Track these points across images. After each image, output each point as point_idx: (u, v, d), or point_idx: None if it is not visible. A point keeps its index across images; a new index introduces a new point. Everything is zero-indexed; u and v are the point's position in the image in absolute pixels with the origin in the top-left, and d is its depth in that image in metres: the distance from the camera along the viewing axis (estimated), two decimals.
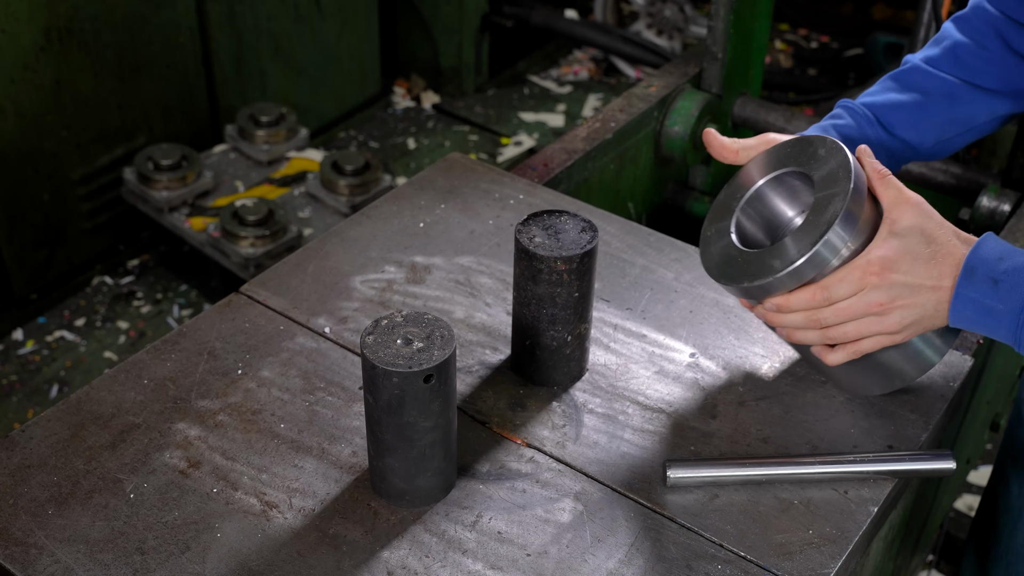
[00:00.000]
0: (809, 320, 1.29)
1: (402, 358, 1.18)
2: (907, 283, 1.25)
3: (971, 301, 1.24)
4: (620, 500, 1.30)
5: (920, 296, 1.26)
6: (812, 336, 1.31)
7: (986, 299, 1.23)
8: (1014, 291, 1.21)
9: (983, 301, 1.23)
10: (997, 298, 1.22)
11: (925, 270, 1.25)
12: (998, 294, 1.22)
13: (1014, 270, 1.22)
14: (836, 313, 1.27)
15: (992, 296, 1.22)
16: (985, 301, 1.23)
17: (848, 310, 1.27)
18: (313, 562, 1.22)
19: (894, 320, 1.27)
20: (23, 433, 1.36)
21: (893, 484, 1.33)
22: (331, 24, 3.74)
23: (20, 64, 2.90)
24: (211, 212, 3.16)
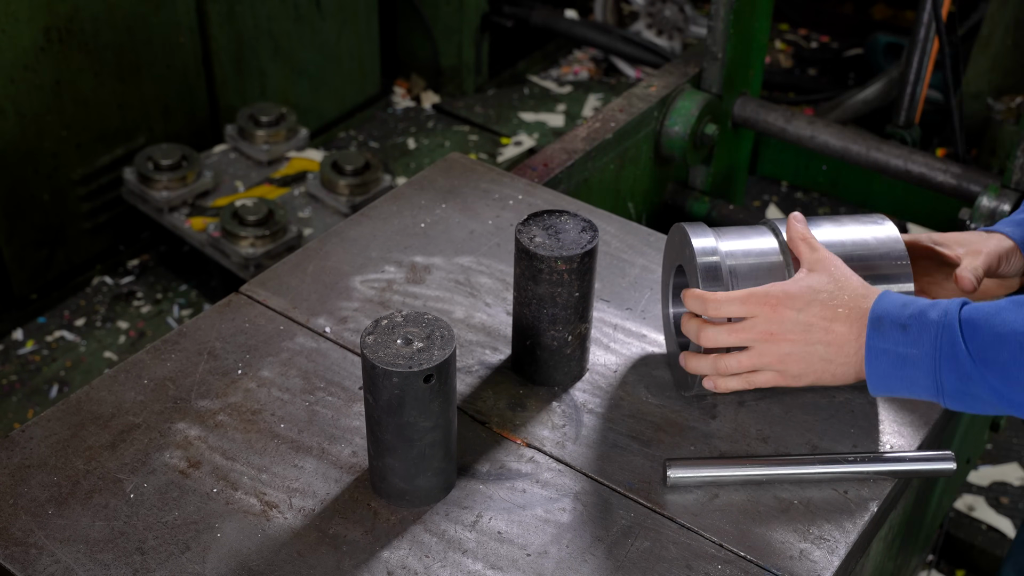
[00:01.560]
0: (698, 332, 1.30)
1: (402, 358, 1.18)
2: (799, 320, 1.25)
3: (884, 352, 1.21)
4: (620, 500, 1.30)
5: (811, 335, 1.25)
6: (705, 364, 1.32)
7: (898, 347, 1.20)
8: (924, 333, 1.19)
9: (896, 349, 1.21)
10: (908, 343, 1.20)
11: (820, 311, 1.25)
12: (908, 338, 1.20)
13: (919, 313, 1.20)
14: (721, 332, 1.28)
15: (903, 342, 1.20)
16: (898, 349, 1.20)
17: (734, 332, 1.28)
18: (313, 562, 1.22)
19: (785, 353, 1.26)
20: (23, 433, 1.36)
21: (893, 484, 1.33)
22: (331, 24, 3.74)
23: (20, 64, 2.90)
24: (211, 212, 3.16)
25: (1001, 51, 3.61)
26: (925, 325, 1.19)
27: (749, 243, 1.38)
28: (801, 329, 1.25)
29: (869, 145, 2.35)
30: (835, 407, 1.42)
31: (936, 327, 1.18)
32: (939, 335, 1.18)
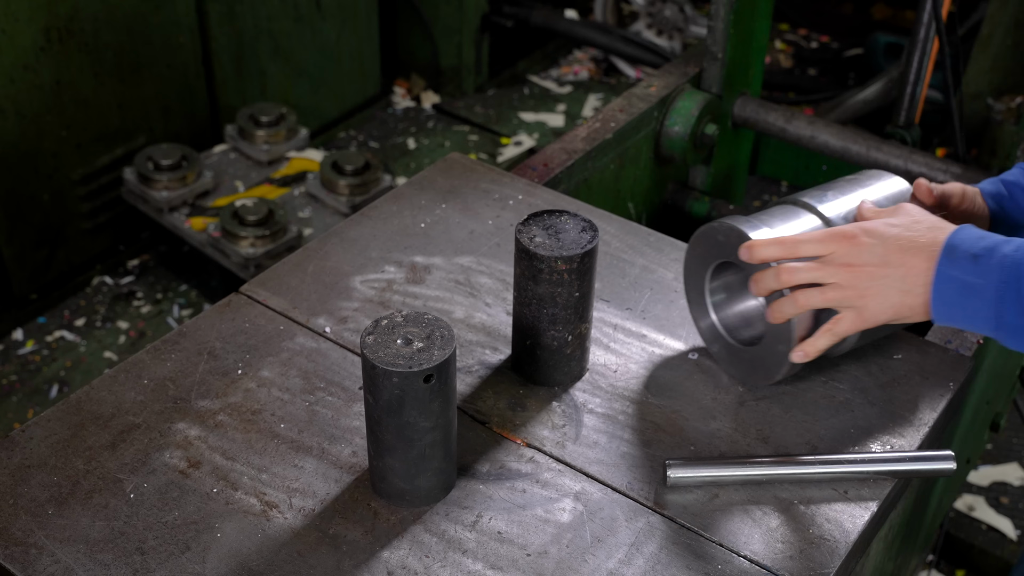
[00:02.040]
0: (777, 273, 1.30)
1: (402, 358, 1.18)
2: (876, 252, 1.27)
3: (952, 280, 1.23)
4: (620, 500, 1.30)
5: (889, 266, 1.26)
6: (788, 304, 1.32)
7: (967, 275, 1.21)
8: (993, 265, 1.20)
9: (964, 278, 1.22)
10: (977, 273, 1.21)
11: (897, 243, 1.26)
12: (978, 269, 1.21)
13: (993, 246, 1.21)
14: (801, 268, 1.30)
15: (972, 272, 1.21)
16: (966, 278, 1.21)
17: (814, 268, 1.29)
18: (313, 562, 1.22)
19: (864, 287, 1.27)
20: (23, 433, 1.36)
21: (893, 484, 1.33)
22: (331, 24, 3.74)
23: (20, 64, 2.90)
24: (211, 212, 3.16)
25: (1001, 51, 3.61)
26: (995, 258, 1.20)
27: (794, 225, 1.39)
28: (879, 260, 1.26)
29: (869, 145, 2.35)
30: (835, 407, 1.43)
31: (1006, 261, 1.20)
32: (1008, 268, 1.19)
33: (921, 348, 1.52)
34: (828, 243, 1.29)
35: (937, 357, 1.50)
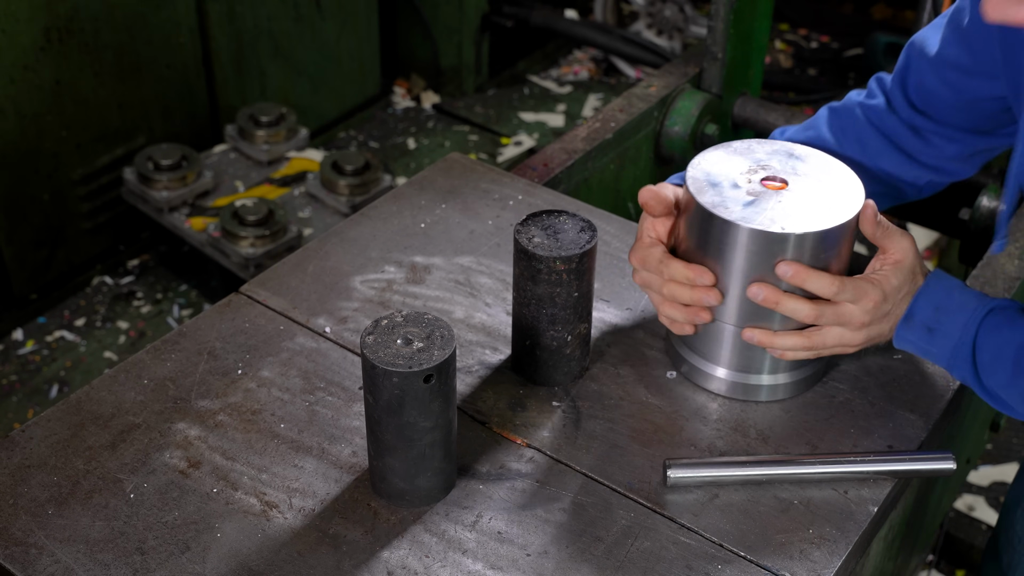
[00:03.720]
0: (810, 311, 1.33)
1: (402, 358, 1.18)
2: (890, 313, 1.35)
3: (909, 343, 1.36)
4: (620, 500, 1.30)
5: (888, 324, 1.36)
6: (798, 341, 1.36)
7: (923, 344, 1.35)
8: (945, 341, 1.32)
9: (921, 345, 1.35)
10: (931, 344, 1.34)
11: (898, 308, 1.35)
12: (932, 340, 1.33)
13: (945, 320, 1.32)
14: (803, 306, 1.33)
15: (928, 342, 1.34)
16: (922, 345, 1.35)
17: (845, 314, 1.33)
18: (313, 562, 1.22)
19: (861, 338, 1.36)
20: (23, 433, 1.36)
21: (893, 484, 1.33)
22: (331, 24, 3.74)
23: (20, 64, 2.90)
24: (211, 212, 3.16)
25: None
26: (948, 335, 1.32)
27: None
28: (885, 319, 1.35)
29: None
30: (835, 407, 1.43)
31: (955, 341, 1.32)
32: (956, 349, 1.32)
33: None
34: (846, 291, 1.32)
35: None
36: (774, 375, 1.41)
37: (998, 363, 1.29)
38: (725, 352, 1.40)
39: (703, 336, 1.41)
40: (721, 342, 1.40)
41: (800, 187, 1.35)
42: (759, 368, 1.40)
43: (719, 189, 1.34)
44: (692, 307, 1.37)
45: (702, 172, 1.36)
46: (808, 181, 1.36)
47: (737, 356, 1.40)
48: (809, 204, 1.32)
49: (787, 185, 1.35)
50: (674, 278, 1.36)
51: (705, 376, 1.43)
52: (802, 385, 1.43)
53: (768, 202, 1.32)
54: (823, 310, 1.32)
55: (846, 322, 1.32)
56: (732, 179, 1.35)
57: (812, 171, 1.38)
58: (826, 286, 1.30)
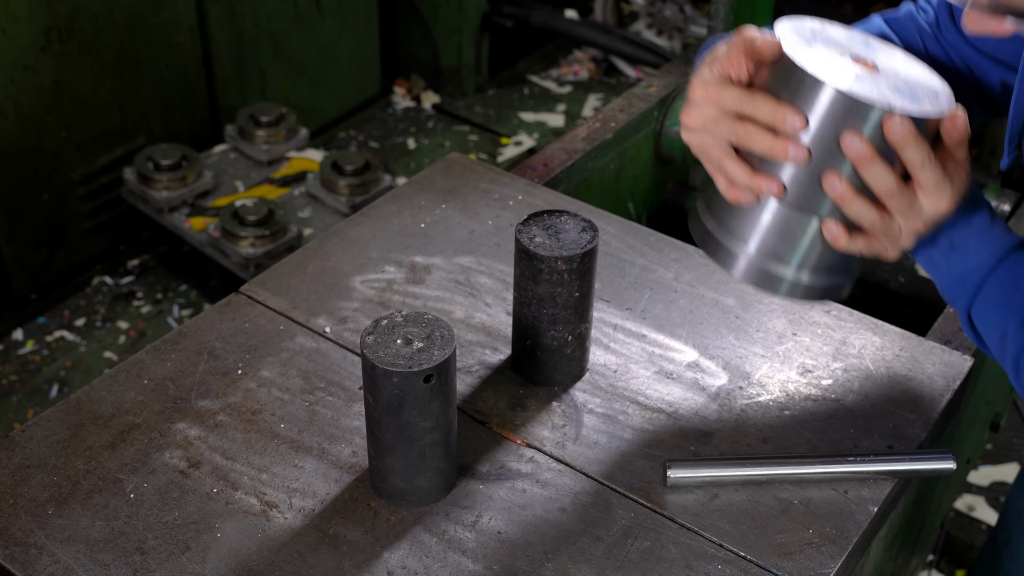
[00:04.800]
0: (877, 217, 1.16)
1: (402, 358, 1.18)
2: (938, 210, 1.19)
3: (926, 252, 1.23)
4: (620, 500, 1.30)
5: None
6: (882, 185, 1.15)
7: (940, 256, 1.22)
8: (962, 260, 1.21)
9: (935, 257, 1.22)
10: (947, 259, 1.22)
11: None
12: (950, 256, 1.22)
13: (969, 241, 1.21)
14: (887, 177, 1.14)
15: (945, 256, 1.22)
16: (937, 257, 1.22)
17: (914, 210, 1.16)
18: (313, 562, 1.22)
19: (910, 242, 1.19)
20: (23, 433, 1.36)
21: (893, 484, 1.33)
22: (331, 24, 3.74)
23: (20, 64, 2.90)
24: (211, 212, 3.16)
25: None
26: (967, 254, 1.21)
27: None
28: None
29: None
30: (835, 407, 1.43)
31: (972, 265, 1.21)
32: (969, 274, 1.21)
33: (921, 348, 1.52)
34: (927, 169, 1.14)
35: (937, 357, 1.50)
36: (799, 272, 1.23)
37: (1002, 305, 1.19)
38: (763, 232, 1.21)
39: (743, 210, 1.22)
40: (761, 219, 1.21)
41: (891, 72, 1.18)
42: (787, 258, 1.22)
43: (813, 51, 1.15)
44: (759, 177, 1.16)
45: (792, 32, 1.18)
46: (897, 68, 1.20)
47: (775, 238, 1.21)
48: (906, 90, 1.16)
49: (876, 68, 1.18)
50: (757, 116, 1.13)
51: (728, 254, 1.24)
52: (826, 292, 1.25)
53: (865, 79, 1.14)
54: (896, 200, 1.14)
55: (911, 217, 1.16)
56: (824, 46, 1.18)
57: (896, 61, 1.23)
58: (922, 153, 1.12)
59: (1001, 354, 1.22)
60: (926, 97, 1.17)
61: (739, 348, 1.51)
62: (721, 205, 1.24)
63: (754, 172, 1.16)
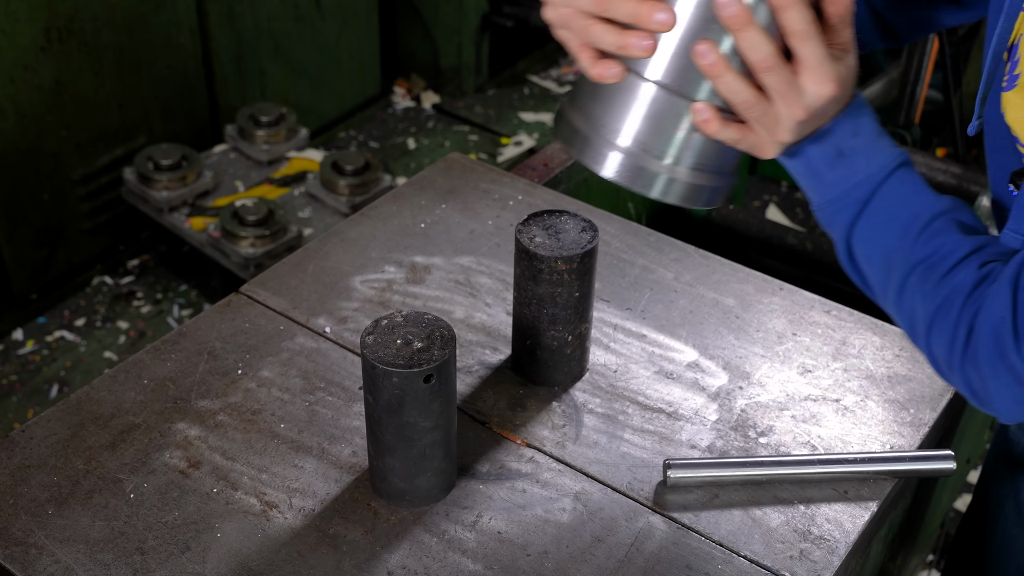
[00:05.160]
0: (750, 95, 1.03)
1: (402, 358, 1.18)
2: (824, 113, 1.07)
3: (808, 159, 1.11)
4: (620, 500, 1.30)
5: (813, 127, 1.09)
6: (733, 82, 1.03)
7: (821, 164, 1.10)
8: (849, 171, 1.10)
9: (815, 164, 1.11)
10: (832, 170, 1.10)
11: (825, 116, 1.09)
12: (835, 166, 1.10)
13: (860, 151, 1.09)
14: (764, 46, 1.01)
15: (828, 165, 1.10)
16: (817, 165, 1.11)
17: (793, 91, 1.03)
18: (313, 562, 1.22)
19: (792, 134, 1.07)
20: (23, 433, 1.36)
21: (893, 484, 1.33)
22: (331, 24, 3.74)
23: (20, 64, 2.90)
24: (211, 212, 3.16)
25: None
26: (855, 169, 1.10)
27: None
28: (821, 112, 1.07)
29: None
30: (835, 407, 1.43)
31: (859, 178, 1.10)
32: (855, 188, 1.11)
33: None
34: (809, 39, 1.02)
35: None
36: (675, 165, 1.10)
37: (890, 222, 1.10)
38: (634, 121, 1.08)
39: (610, 98, 1.09)
40: (631, 106, 1.08)
41: None
42: (660, 150, 1.09)
43: None
44: (631, 32, 1.02)
45: None
46: None
47: (646, 128, 1.08)
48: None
49: None
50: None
51: (595, 150, 1.11)
52: (701, 193, 1.12)
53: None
54: (774, 75, 1.02)
55: (791, 99, 1.03)
56: None
57: None
58: (804, 21, 1.00)
59: (884, 277, 1.12)
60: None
61: (739, 348, 1.51)
62: (588, 95, 1.11)
63: (623, 31, 1.02)
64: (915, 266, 1.09)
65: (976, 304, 1.07)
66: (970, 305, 1.07)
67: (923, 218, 1.10)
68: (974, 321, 1.06)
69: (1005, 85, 1.16)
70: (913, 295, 1.10)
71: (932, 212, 1.11)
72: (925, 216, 1.10)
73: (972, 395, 1.10)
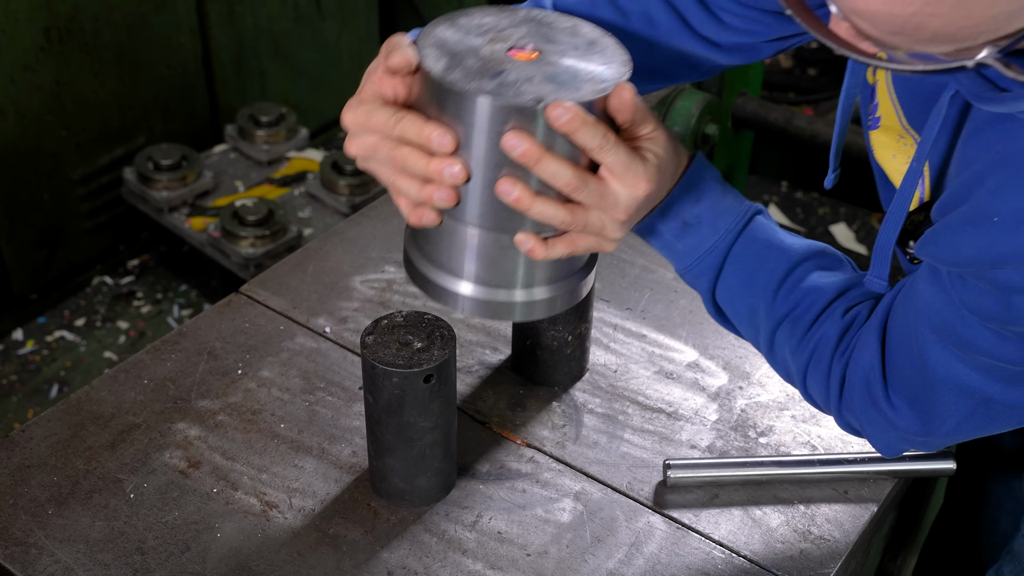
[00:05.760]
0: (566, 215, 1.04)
1: (402, 358, 1.18)
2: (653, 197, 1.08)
3: (659, 236, 1.14)
4: (620, 500, 1.30)
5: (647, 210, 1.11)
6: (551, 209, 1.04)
7: (673, 239, 1.13)
8: (698, 240, 1.12)
9: (670, 240, 1.13)
10: (682, 240, 1.13)
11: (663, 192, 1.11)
12: (684, 237, 1.12)
13: (704, 219, 1.12)
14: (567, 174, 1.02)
15: (679, 237, 1.13)
16: (671, 240, 1.13)
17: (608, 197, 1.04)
18: (313, 562, 1.22)
19: (619, 232, 1.07)
20: (23, 433, 1.36)
21: (893, 484, 1.33)
22: (331, 24, 3.74)
23: (20, 64, 2.90)
24: (211, 212, 3.15)
25: None
26: (703, 236, 1.12)
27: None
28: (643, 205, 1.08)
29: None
30: None
31: (709, 244, 1.13)
32: (707, 254, 1.13)
33: None
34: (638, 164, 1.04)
35: None
36: (527, 289, 1.13)
37: (748, 283, 1.12)
38: (469, 262, 1.11)
39: (442, 242, 1.12)
40: (463, 249, 1.11)
41: (555, 53, 1.08)
42: (511, 281, 1.12)
43: (457, 59, 1.05)
44: (431, 185, 1.03)
45: (434, 41, 1.07)
46: (564, 46, 1.09)
47: (484, 266, 1.11)
48: (567, 73, 1.06)
49: (539, 55, 1.08)
50: (406, 138, 1.02)
51: (447, 293, 1.13)
52: (564, 298, 1.16)
53: (515, 73, 1.05)
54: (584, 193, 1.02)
55: (608, 207, 1.04)
56: (472, 48, 1.07)
57: (563, 36, 1.11)
58: (597, 136, 1.01)
59: (753, 333, 1.15)
60: (592, 76, 1.06)
61: (739, 348, 1.51)
62: (422, 236, 1.14)
63: (423, 182, 1.04)
64: (780, 321, 1.13)
65: (845, 354, 1.11)
66: (839, 356, 1.11)
67: (780, 272, 1.13)
68: (845, 371, 1.10)
69: (870, 124, 1.18)
70: (783, 348, 1.14)
71: (789, 264, 1.13)
72: (782, 269, 1.13)
73: (854, 434, 1.15)
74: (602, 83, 1.05)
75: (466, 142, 1.04)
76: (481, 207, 1.07)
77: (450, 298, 1.14)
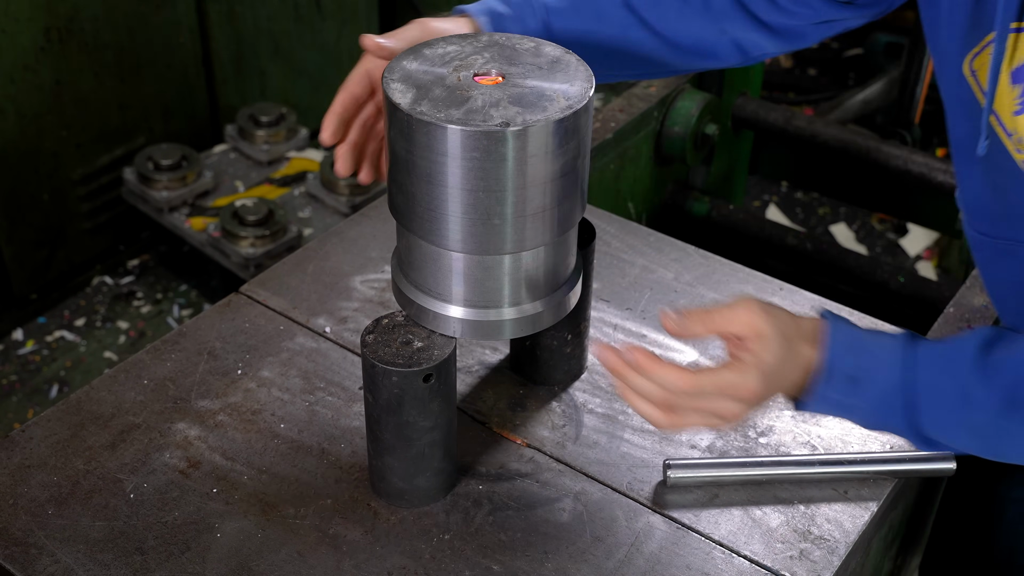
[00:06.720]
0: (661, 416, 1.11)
1: (402, 357, 1.18)
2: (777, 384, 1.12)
3: (831, 401, 1.13)
4: (620, 500, 1.30)
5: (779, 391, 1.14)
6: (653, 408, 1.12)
7: (846, 398, 1.12)
8: (872, 386, 1.11)
9: (843, 400, 1.12)
10: (856, 395, 1.12)
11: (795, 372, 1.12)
12: (857, 391, 1.11)
13: (869, 365, 1.11)
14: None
15: (851, 394, 1.11)
16: (845, 400, 1.12)
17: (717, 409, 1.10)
18: (313, 562, 1.22)
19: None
20: (23, 433, 1.36)
21: (893, 484, 1.33)
22: (331, 24, 3.74)
23: (20, 64, 2.90)
24: (211, 212, 3.16)
25: None
26: (874, 380, 1.12)
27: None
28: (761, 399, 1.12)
29: (869, 145, 2.35)
30: None
31: (882, 386, 1.12)
32: (886, 395, 1.11)
33: None
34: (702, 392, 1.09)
35: None
36: (518, 306, 1.19)
37: (944, 401, 1.10)
38: (456, 285, 1.17)
39: (427, 269, 1.19)
40: (449, 274, 1.17)
41: (519, 79, 1.12)
42: (498, 300, 1.18)
43: (424, 90, 1.10)
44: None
45: (401, 75, 1.13)
46: (527, 71, 1.14)
47: (471, 288, 1.17)
48: (530, 96, 1.10)
49: (504, 79, 1.12)
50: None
51: (438, 318, 1.20)
52: (550, 313, 1.22)
53: (482, 99, 1.09)
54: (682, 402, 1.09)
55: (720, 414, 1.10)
56: (439, 78, 1.12)
57: (531, 60, 1.15)
58: (679, 380, 1.07)
59: (981, 444, 1.12)
60: (556, 94, 1.10)
61: None
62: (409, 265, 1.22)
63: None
64: (1000, 412, 1.08)
65: None
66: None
67: (968, 370, 1.08)
68: None
69: (1018, 109, 1.14)
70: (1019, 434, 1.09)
71: (972, 360, 1.09)
72: (968, 367, 1.08)
73: None
74: (567, 101, 1.09)
75: (440, 170, 1.07)
76: (461, 232, 1.12)
77: (441, 322, 1.20)
